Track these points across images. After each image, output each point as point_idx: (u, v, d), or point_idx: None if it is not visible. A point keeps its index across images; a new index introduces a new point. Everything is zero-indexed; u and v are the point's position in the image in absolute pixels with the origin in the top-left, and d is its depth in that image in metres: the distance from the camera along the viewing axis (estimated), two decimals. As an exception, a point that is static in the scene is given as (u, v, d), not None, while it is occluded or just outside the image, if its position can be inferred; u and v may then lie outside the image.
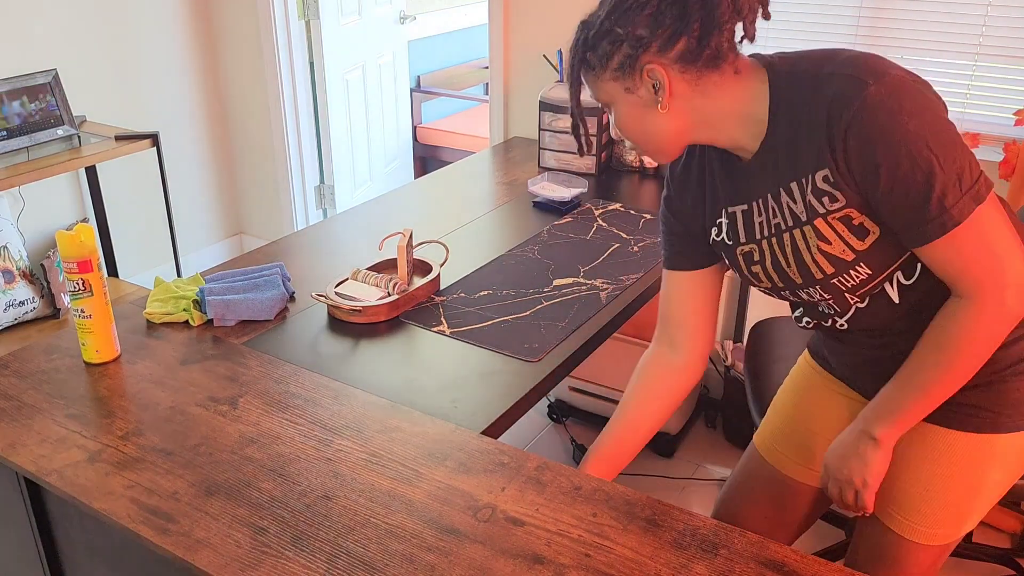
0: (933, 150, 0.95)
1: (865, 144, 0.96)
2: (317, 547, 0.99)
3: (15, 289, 2.68)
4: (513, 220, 2.04)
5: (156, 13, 3.18)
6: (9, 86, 2.54)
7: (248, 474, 1.11)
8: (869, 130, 0.95)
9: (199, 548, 0.98)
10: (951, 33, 2.21)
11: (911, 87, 0.96)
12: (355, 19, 3.62)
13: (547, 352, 1.43)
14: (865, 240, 1.04)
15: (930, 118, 0.96)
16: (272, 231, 3.68)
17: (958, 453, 1.15)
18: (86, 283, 1.31)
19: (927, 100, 0.97)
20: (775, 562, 0.95)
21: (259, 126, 3.50)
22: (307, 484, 1.09)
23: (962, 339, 1.02)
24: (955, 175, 0.95)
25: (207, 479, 1.10)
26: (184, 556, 0.97)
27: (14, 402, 1.25)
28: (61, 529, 1.18)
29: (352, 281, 1.62)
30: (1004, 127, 2.21)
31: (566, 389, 2.53)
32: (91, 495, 1.07)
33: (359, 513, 1.04)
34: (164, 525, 1.02)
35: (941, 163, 0.95)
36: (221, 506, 1.05)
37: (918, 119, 0.95)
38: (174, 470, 1.12)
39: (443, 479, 1.10)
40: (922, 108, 0.95)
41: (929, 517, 1.18)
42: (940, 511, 1.18)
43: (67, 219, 3.05)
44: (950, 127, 0.97)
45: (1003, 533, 2.12)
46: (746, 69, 1.05)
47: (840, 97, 0.97)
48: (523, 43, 2.79)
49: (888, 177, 0.96)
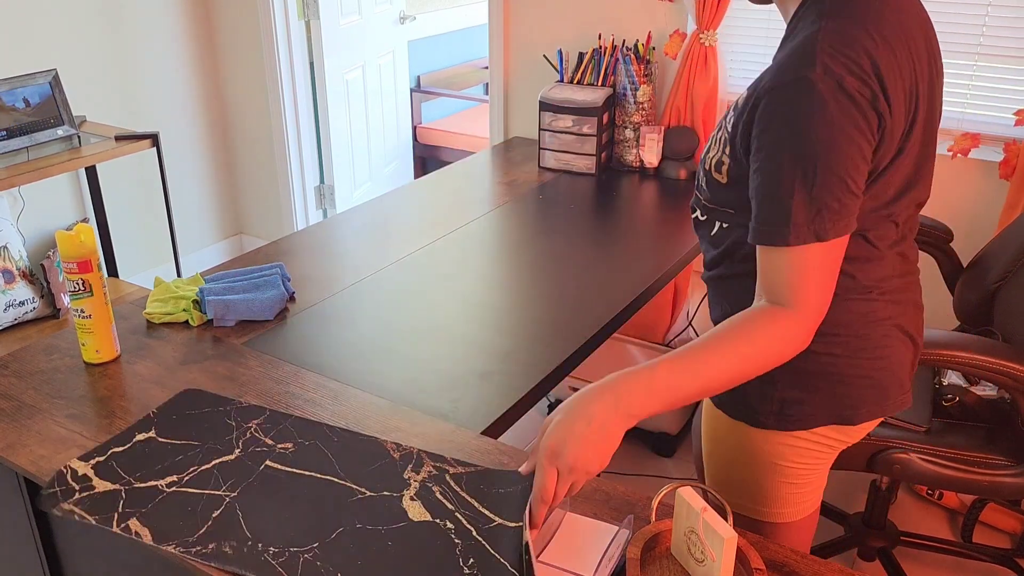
0: (804, 169, 0.94)
1: (760, 119, 0.97)
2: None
3: (15, 289, 2.68)
4: (513, 220, 2.04)
5: (156, 13, 3.18)
6: (9, 86, 2.54)
7: (248, 474, 1.11)
8: (771, 109, 0.96)
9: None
10: (951, 33, 2.21)
11: (838, 100, 0.93)
12: (355, 19, 3.61)
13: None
14: (725, 178, 1.09)
15: (825, 137, 0.93)
16: (272, 231, 3.68)
17: (737, 440, 1.19)
18: (86, 283, 1.31)
19: (842, 121, 0.93)
20: (775, 562, 0.95)
21: (259, 126, 3.50)
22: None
23: (759, 341, 0.98)
24: (810, 201, 0.94)
25: (207, 479, 1.10)
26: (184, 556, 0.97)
27: (14, 402, 1.25)
28: (61, 529, 1.18)
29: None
30: (1004, 127, 2.21)
31: (566, 389, 2.53)
32: (91, 495, 1.07)
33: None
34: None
35: (803, 183, 0.94)
36: (221, 506, 1.05)
37: (812, 134, 0.93)
38: (174, 470, 1.11)
39: (443, 479, 1.10)
40: (827, 125, 0.93)
41: (746, 496, 1.21)
42: (752, 490, 1.20)
43: (67, 219, 3.05)
44: (842, 158, 0.94)
45: (1003, 533, 2.12)
46: None
47: (786, 63, 0.96)
48: (523, 43, 2.79)
49: (756, 160, 0.98)
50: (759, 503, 1.22)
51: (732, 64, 2.57)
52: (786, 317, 0.98)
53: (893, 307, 1.12)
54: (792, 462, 1.17)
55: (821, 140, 0.93)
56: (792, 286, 0.98)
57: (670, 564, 0.94)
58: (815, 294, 0.98)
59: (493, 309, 1.59)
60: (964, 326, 1.87)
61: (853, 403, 1.13)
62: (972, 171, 2.24)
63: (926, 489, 2.23)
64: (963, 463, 1.55)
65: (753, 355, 0.97)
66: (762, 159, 0.98)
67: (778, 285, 0.99)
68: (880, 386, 1.13)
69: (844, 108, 0.93)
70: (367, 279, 1.71)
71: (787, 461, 1.17)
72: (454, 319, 1.56)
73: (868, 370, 1.12)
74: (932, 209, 2.31)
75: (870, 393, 1.13)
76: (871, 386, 1.13)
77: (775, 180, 0.96)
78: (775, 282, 0.99)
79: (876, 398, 1.14)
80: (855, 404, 1.13)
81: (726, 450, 1.22)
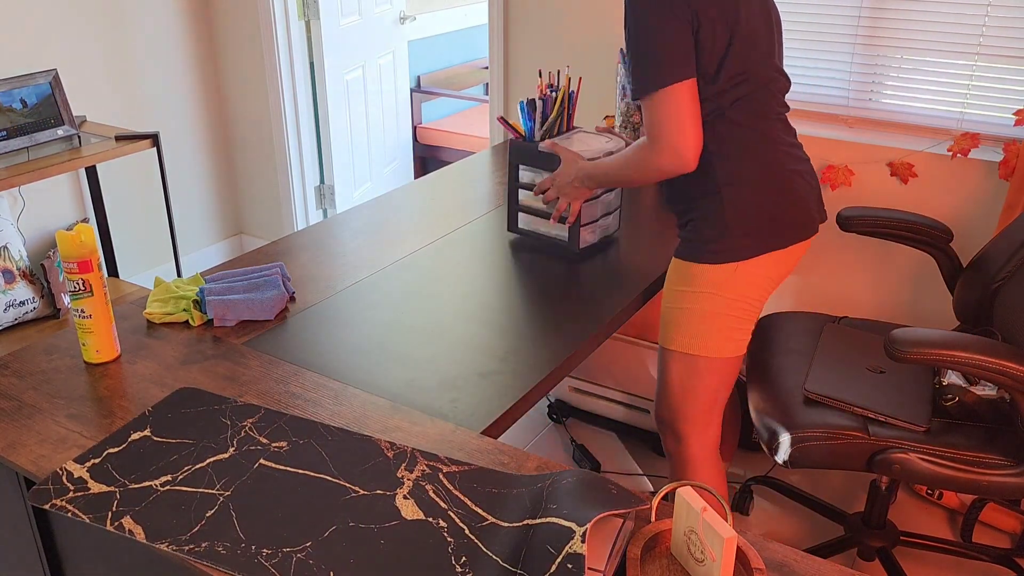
0: (643, 36, 1.40)
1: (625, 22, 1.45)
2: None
3: (15, 289, 2.68)
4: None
5: (156, 13, 3.19)
6: (9, 86, 2.54)
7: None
8: (626, 14, 1.44)
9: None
10: (951, 33, 2.21)
11: (659, 7, 1.38)
12: (355, 19, 3.62)
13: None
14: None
15: (655, 9, 1.38)
16: (272, 231, 3.68)
17: (673, 275, 1.59)
18: (86, 283, 1.31)
19: (658, 14, 1.39)
20: (775, 561, 0.95)
21: (259, 126, 3.50)
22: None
23: (631, 161, 1.52)
24: (650, 59, 1.40)
25: (207, 479, 1.10)
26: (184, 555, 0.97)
27: (14, 402, 1.25)
28: (61, 529, 1.18)
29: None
30: (1004, 127, 2.21)
31: (566, 389, 2.53)
32: (91, 495, 1.07)
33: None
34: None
35: (645, 47, 1.40)
36: (221, 506, 1.05)
37: (649, 6, 1.39)
38: (174, 470, 1.12)
39: (443, 479, 1.10)
40: (649, 16, 1.39)
41: (667, 327, 1.62)
42: (668, 319, 1.61)
43: (67, 219, 3.05)
44: (669, 24, 1.38)
45: (1003, 533, 2.12)
46: None
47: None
48: (523, 43, 2.79)
49: (626, 34, 1.45)
50: (684, 336, 1.59)
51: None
52: (646, 149, 1.47)
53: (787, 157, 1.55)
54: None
55: (651, 9, 1.40)
56: (650, 126, 1.45)
57: (670, 564, 0.94)
58: (665, 130, 1.43)
59: (493, 309, 1.59)
60: (964, 326, 1.87)
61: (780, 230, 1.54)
62: (972, 171, 2.24)
63: (926, 489, 2.23)
64: (963, 463, 1.55)
65: (633, 175, 1.54)
66: (627, 47, 1.46)
67: (646, 124, 1.46)
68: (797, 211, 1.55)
69: (663, 10, 1.40)
70: (367, 279, 1.71)
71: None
72: (454, 319, 1.56)
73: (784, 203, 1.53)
74: (932, 209, 2.31)
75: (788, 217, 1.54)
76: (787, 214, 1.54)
77: (630, 47, 1.44)
78: (645, 122, 1.46)
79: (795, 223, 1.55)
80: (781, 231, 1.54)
81: (670, 287, 1.61)
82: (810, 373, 1.75)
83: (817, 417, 1.63)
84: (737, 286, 1.53)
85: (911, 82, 2.32)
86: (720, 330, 1.57)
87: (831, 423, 1.61)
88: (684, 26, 1.39)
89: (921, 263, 2.38)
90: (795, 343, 1.89)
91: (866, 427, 1.60)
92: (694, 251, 1.55)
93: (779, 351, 1.87)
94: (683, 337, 1.59)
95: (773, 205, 1.51)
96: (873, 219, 1.96)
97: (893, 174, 2.34)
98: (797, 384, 1.73)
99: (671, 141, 1.42)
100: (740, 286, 1.53)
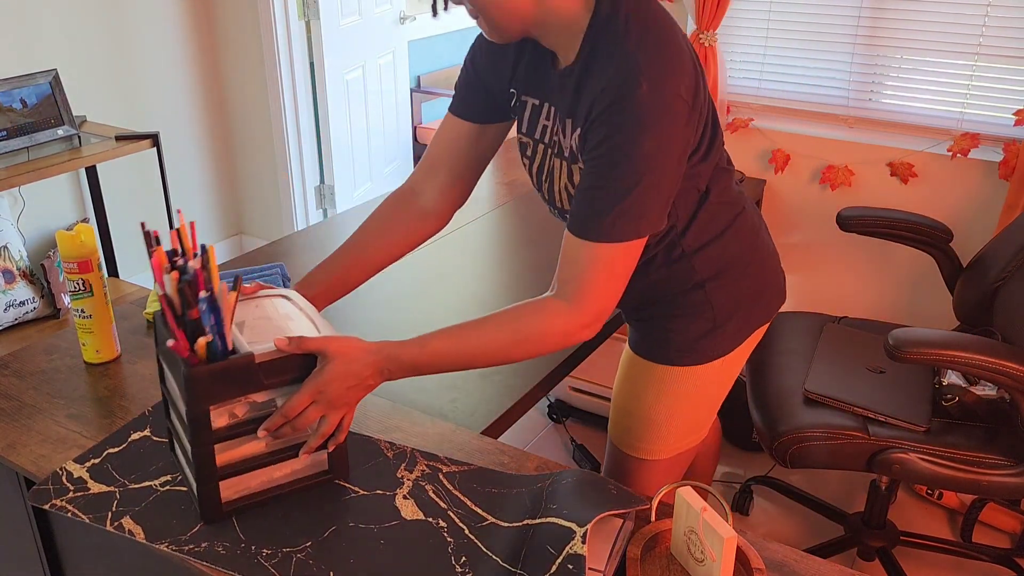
0: (642, 177, 1.02)
1: (603, 127, 1.03)
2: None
3: (15, 289, 2.68)
4: (513, 220, 2.04)
5: (156, 13, 3.19)
6: (9, 86, 2.54)
7: (248, 474, 1.11)
8: (613, 121, 1.02)
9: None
10: (951, 33, 2.21)
11: (669, 113, 1.02)
12: (355, 19, 3.62)
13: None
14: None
15: (657, 150, 1.02)
16: (272, 231, 3.68)
17: (645, 379, 1.33)
18: (86, 283, 1.31)
19: (669, 132, 1.03)
20: (775, 561, 0.96)
21: (259, 126, 3.50)
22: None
23: (524, 328, 1.09)
24: (636, 199, 1.03)
25: (207, 479, 1.10)
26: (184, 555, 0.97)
27: (14, 402, 1.25)
28: (61, 529, 1.18)
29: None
30: (1004, 127, 2.21)
31: (566, 389, 2.53)
32: (91, 495, 1.07)
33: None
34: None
35: (643, 189, 1.02)
36: (221, 506, 1.05)
37: (650, 145, 1.01)
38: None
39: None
40: (659, 136, 1.02)
41: (633, 432, 1.36)
42: (640, 427, 1.35)
43: (67, 219, 3.05)
44: (668, 165, 1.04)
45: (1003, 533, 2.13)
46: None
47: (615, 82, 1.01)
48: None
49: (595, 163, 1.04)
50: (650, 440, 1.35)
51: (732, 64, 2.57)
52: (561, 312, 1.07)
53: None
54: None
55: (653, 148, 1.02)
56: (580, 280, 1.06)
57: (670, 564, 0.94)
58: (604, 293, 1.07)
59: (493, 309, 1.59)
60: (964, 326, 1.87)
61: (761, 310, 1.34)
62: (972, 171, 2.24)
63: (926, 489, 2.23)
64: (963, 463, 1.55)
65: (518, 349, 1.09)
66: (598, 159, 1.04)
67: (572, 277, 1.06)
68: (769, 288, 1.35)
69: (673, 115, 1.03)
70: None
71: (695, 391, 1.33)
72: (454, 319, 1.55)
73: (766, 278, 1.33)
74: (932, 209, 2.31)
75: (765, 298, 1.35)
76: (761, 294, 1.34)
77: (614, 182, 1.04)
78: (571, 273, 1.07)
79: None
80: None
81: (634, 386, 1.36)
82: (810, 373, 1.75)
83: (817, 417, 1.63)
84: (722, 379, 1.35)
85: (911, 82, 2.32)
86: (693, 425, 1.37)
87: (831, 423, 1.61)
88: (685, 151, 1.08)
89: (921, 263, 2.38)
90: (795, 343, 1.89)
91: (866, 427, 1.60)
92: (672, 353, 1.30)
93: (779, 351, 1.87)
94: (650, 444, 1.36)
95: (756, 282, 1.32)
96: (873, 219, 1.96)
97: (893, 174, 2.35)
98: (797, 384, 1.73)
99: (602, 306, 1.07)
100: (725, 378, 1.35)
